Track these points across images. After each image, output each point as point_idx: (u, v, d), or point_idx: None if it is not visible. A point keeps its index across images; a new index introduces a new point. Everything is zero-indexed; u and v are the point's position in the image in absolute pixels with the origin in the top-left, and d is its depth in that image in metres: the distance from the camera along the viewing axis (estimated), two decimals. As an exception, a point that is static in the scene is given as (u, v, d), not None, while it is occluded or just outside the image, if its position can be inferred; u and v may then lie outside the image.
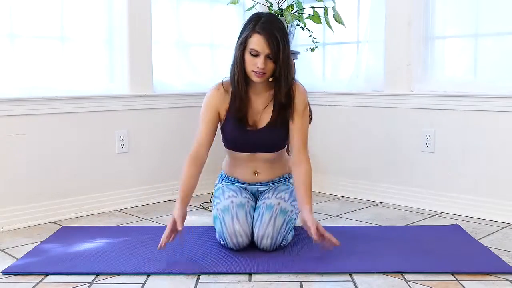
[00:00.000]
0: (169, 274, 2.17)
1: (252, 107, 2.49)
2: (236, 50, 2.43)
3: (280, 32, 2.37)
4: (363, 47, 3.59)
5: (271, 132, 2.47)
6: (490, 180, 3.02)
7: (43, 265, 2.26)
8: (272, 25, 2.37)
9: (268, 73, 2.39)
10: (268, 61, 2.36)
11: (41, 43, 3.05)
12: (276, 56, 2.35)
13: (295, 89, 2.48)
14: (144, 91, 3.37)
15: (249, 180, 2.58)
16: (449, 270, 2.18)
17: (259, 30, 2.34)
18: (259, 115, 2.49)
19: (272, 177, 2.59)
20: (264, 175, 2.57)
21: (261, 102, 2.50)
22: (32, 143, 2.94)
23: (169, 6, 3.57)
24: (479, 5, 3.12)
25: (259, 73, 2.37)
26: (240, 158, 2.54)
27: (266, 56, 2.35)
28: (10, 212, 2.85)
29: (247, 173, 2.56)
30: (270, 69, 2.38)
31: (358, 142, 3.57)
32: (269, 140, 2.49)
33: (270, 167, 2.56)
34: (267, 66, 2.37)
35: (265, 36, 2.33)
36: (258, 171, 2.56)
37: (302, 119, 2.50)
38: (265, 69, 2.36)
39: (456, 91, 3.14)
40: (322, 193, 3.67)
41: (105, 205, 3.22)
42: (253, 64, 2.37)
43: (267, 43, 2.33)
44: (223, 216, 2.42)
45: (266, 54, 2.35)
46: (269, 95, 2.50)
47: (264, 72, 2.37)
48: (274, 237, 2.37)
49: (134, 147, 3.36)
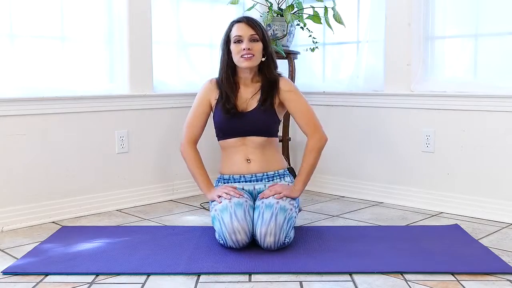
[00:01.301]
0: (169, 274, 2.17)
1: (240, 96, 2.63)
2: (221, 46, 2.64)
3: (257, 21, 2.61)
4: (363, 47, 3.59)
5: (259, 115, 2.60)
6: (490, 180, 3.02)
7: (43, 265, 2.26)
8: (248, 16, 2.66)
9: (257, 54, 2.56)
10: (253, 43, 2.55)
11: (41, 43, 3.05)
12: (262, 35, 2.57)
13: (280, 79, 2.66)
14: (144, 91, 3.37)
15: (243, 169, 2.62)
16: (449, 270, 2.18)
17: (237, 20, 2.60)
18: (246, 102, 2.63)
19: (266, 168, 2.62)
20: (256, 163, 2.61)
21: (249, 91, 2.65)
22: (32, 143, 2.94)
23: (169, 6, 3.57)
24: (479, 5, 3.12)
25: (247, 55, 2.53)
26: (232, 145, 2.63)
27: (250, 39, 2.54)
28: (10, 212, 2.85)
29: (239, 160, 2.62)
30: (257, 49, 2.56)
31: (358, 142, 3.57)
32: (257, 121, 2.60)
33: (262, 153, 2.62)
34: (254, 47, 2.53)
35: (244, 21, 2.57)
36: (250, 157, 2.61)
37: (299, 102, 2.64)
38: (252, 50, 2.53)
39: (456, 91, 3.14)
40: (322, 193, 3.67)
41: (105, 205, 3.22)
42: (239, 51, 2.55)
43: (247, 26, 2.55)
44: (222, 216, 2.42)
45: (249, 36, 2.54)
46: (257, 86, 2.65)
47: (252, 53, 2.53)
48: (277, 234, 2.37)
49: (134, 147, 3.36)
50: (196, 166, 2.65)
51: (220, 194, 2.51)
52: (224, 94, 2.62)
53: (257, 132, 2.60)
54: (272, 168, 2.64)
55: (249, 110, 2.61)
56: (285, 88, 2.64)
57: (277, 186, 2.55)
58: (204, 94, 2.69)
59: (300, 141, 3.83)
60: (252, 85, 2.65)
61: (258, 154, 2.61)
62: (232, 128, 2.61)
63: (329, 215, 3.13)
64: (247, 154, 2.61)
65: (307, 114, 2.64)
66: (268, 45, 2.60)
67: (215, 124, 2.68)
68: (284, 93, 2.63)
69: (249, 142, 2.61)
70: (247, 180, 2.62)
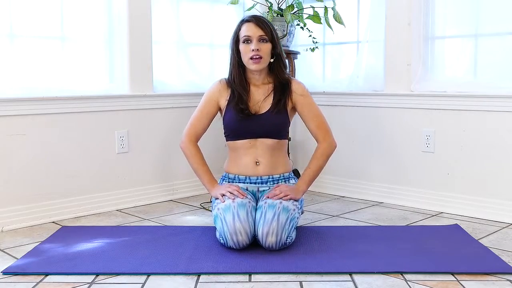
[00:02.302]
0: (169, 274, 2.17)
1: (252, 98, 2.60)
2: (231, 46, 2.61)
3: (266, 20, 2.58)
4: (363, 47, 3.59)
5: (272, 117, 2.57)
6: (490, 180, 3.02)
7: (43, 265, 2.26)
8: (257, 15, 2.63)
9: (266, 56, 2.53)
10: (262, 44, 2.50)
11: (41, 43, 3.05)
12: (271, 35, 2.52)
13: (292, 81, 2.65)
14: (144, 91, 3.37)
15: (250, 171, 2.60)
16: (449, 270, 2.18)
17: (247, 19, 2.56)
18: (259, 104, 2.60)
19: (273, 171, 2.61)
20: (264, 166, 2.60)
21: (261, 93, 2.62)
22: (32, 143, 2.94)
23: (169, 6, 3.57)
24: (479, 5, 3.12)
25: (255, 57, 2.50)
26: (242, 147, 2.60)
27: (259, 39, 2.52)
28: (10, 212, 2.85)
29: (248, 162, 2.60)
30: (266, 50, 2.52)
31: (358, 142, 3.57)
32: (269, 124, 2.57)
33: (271, 155, 2.60)
34: (262, 48, 2.51)
35: (253, 21, 2.54)
36: (259, 160, 2.59)
37: (311, 106, 2.63)
38: (260, 51, 2.50)
39: (456, 91, 3.14)
40: (322, 193, 3.67)
41: (105, 205, 3.22)
42: (248, 52, 2.52)
43: (257, 26, 2.52)
44: (224, 215, 2.42)
45: (258, 36, 2.51)
46: (269, 87, 2.62)
47: (260, 55, 2.50)
48: (279, 233, 2.37)
49: (134, 147, 3.36)
50: (198, 162, 2.64)
51: (223, 193, 2.51)
52: (236, 93, 2.58)
53: (269, 134, 2.58)
54: (279, 171, 2.63)
55: (262, 113, 2.58)
56: (298, 92, 2.62)
57: (283, 186, 2.55)
58: (213, 95, 2.66)
59: (300, 141, 3.84)
60: (263, 86, 2.63)
61: (267, 157, 2.60)
62: (244, 129, 2.58)
63: (329, 215, 3.13)
64: (257, 156, 2.59)
65: (318, 119, 2.64)
66: (277, 45, 2.57)
67: (225, 124, 2.64)
68: (296, 96, 2.62)
69: (259, 144, 2.59)
70: (252, 181, 2.62)
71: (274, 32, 2.58)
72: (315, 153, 2.64)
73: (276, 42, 2.57)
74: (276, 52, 2.57)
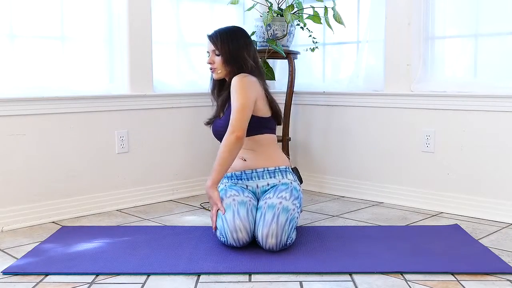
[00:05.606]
0: (169, 274, 2.17)
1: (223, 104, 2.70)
2: None
3: (223, 31, 2.68)
4: (363, 47, 3.59)
5: (220, 121, 2.67)
6: (490, 180, 3.02)
7: (43, 265, 2.26)
8: (219, 28, 2.72)
9: (219, 67, 2.66)
10: (216, 57, 2.66)
11: (41, 43, 3.05)
12: (220, 49, 2.64)
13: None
14: (144, 91, 3.37)
15: (241, 167, 2.63)
16: (449, 270, 2.18)
17: (208, 34, 2.71)
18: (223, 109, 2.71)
19: (265, 164, 2.62)
20: (251, 160, 2.63)
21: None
22: (32, 143, 2.94)
23: (169, 6, 3.57)
24: (479, 5, 3.12)
25: (210, 69, 2.70)
26: None
27: (214, 53, 2.67)
28: (10, 212, 2.85)
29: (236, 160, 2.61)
30: (218, 63, 2.66)
31: (358, 142, 3.57)
32: (220, 126, 2.64)
33: (253, 151, 2.63)
34: (215, 61, 2.66)
35: (208, 37, 2.70)
36: (243, 156, 2.63)
37: (232, 97, 2.60)
38: (213, 64, 2.67)
39: (456, 91, 3.14)
40: (322, 193, 3.67)
41: (105, 205, 3.22)
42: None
43: (210, 41, 2.68)
44: (225, 213, 2.43)
45: (212, 51, 2.67)
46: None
47: (214, 67, 2.67)
48: (279, 235, 2.37)
49: (134, 147, 3.36)
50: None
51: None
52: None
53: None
54: (273, 164, 2.63)
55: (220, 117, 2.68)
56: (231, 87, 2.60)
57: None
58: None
59: (300, 141, 3.84)
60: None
61: (250, 153, 2.63)
62: (214, 134, 2.72)
63: (329, 215, 3.13)
64: (241, 154, 2.61)
65: (233, 109, 2.55)
66: (230, 58, 2.62)
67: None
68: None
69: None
70: (248, 176, 2.62)
71: (228, 45, 2.63)
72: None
73: (230, 55, 2.62)
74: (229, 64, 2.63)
